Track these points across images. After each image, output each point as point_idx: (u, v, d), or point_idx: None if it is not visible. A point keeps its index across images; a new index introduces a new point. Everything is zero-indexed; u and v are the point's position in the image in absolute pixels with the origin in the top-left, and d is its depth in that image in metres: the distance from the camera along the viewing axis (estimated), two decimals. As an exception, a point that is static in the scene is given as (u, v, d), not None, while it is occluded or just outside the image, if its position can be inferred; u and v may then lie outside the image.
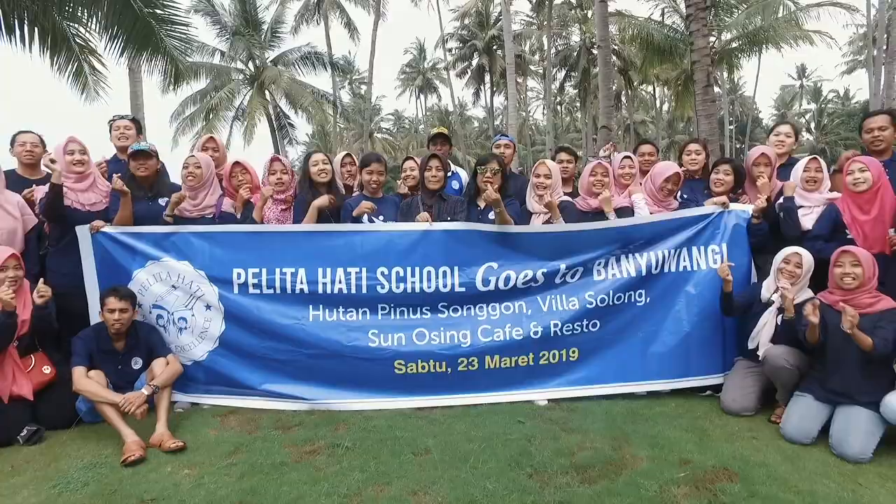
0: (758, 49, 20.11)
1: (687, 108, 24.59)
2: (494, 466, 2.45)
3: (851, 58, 48.99)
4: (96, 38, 9.90)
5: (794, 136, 3.65)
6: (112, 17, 8.60)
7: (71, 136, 3.22)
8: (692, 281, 3.29)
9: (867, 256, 2.65)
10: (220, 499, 2.21)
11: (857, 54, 46.42)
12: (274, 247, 3.17)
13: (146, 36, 8.94)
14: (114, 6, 8.30)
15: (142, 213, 3.20)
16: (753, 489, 2.24)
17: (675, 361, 3.26)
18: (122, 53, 9.67)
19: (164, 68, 10.40)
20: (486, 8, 35.64)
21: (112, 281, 3.06)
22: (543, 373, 3.24)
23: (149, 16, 8.65)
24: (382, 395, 3.14)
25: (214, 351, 3.16)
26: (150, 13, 8.68)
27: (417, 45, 51.80)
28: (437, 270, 3.19)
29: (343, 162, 3.65)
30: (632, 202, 3.35)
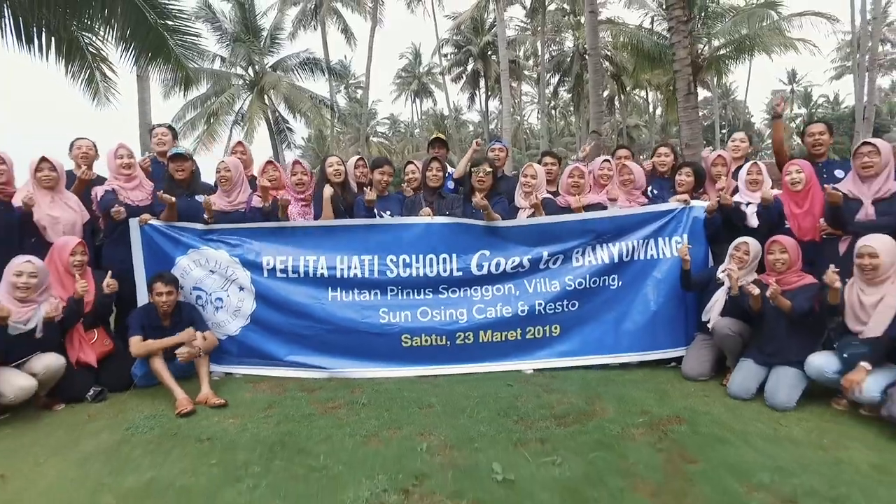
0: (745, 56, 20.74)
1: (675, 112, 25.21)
2: (487, 416, 2.96)
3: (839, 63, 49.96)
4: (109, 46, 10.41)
5: (747, 141, 4.20)
6: (128, 29, 9.07)
7: (121, 142, 3.73)
8: (658, 267, 3.82)
9: (792, 244, 3.20)
10: (264, 438, 2.72)
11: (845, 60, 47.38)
12: (298, 239, 3.69)
13: (159, 45, 9.41)
14: (129, 18, 8.78)
15: (182, 208, 3.70)
16: (697, 429, 2.76)
17: (644, 337, 3.78)
18: (137, 62, 10.22)
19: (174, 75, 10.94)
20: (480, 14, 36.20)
21: (157, 266, 3.56)
22: (529, 346, 3.76)
23: (161, 27, 9.12)
24: (392, 365, 3.65)
25: (246, 327, 3.68)
26: (162, 24, 9.16)
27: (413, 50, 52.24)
28: (437, 257, 3.71)
29: (356, 164, 4.17)
30: (605, 200, 3.89)
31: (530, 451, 2.54)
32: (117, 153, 3.68)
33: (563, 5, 33.13)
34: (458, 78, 39.70)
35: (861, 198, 3.22)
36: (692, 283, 3.59)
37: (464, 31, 38.20)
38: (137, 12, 8.60)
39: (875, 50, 21.71)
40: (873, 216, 3.15)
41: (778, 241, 3.23)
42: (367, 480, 2.26)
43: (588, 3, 13.64)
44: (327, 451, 2.56)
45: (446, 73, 39.10)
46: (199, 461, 2.48)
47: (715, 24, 20.45)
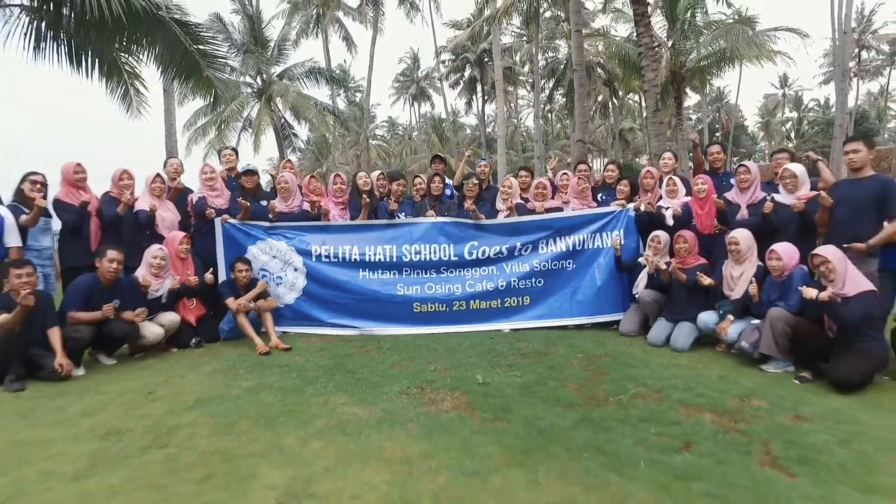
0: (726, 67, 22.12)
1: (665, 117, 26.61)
2: (474, 353, 4.28)
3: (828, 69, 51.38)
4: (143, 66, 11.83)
5: (674, 159, 5.51)
6: (166, 53, 10.43)
7: (206, 163, 5.06)
8: (602, 254, 5.15)
9: (692, 236, 4.53)
10: (323, 366, 4.03)
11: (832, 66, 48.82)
12: (337, 233, 5.03)
13: (193, 67, 10.76)
14: (168, 44, 10.14)
15: (252, 210, 5.02)
16: (616, 360, 4.08)
17: (592, 305, 5.11)
18: (173, 81, 11.65)
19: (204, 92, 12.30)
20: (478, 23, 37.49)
21: (234, 253, 4.88)
22: (507, 312, 5.10)
23: (196, 52, 10.47)
24: (406, 326, 4.98)
25: (299, 298, 5.01)
26: (196, 50, 10.51)
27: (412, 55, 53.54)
28: (439, 247, 5.05)
29: (378, 178, 5.51)
30: (562, 204, 5.24)
31: (501, 370, 3.86)
32: (204, 170, 5.01)
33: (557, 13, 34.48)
34: (456, 84, 41.04)
35: (739, 203, 4.55)
36: (624, 266, 4.93)
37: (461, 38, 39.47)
38: (175, 38, 9.94)
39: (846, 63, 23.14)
40: (747, 216, 4.48)
41: (681, 235, 4.56)
42: (396, 384, 3.58)
43: (574, 22, 14.99)
44: (367, 371, 3.89)
45: (444, 80, 40.46)
46: (284, 376, 3.80)
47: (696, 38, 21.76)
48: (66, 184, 4.55)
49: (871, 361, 3.39)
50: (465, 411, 3.11)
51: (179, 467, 2.47)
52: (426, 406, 3.19)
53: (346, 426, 2.90)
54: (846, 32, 21.84)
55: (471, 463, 2.47)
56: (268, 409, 3.16)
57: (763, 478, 2.34)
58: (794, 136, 66.64)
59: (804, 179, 4.19)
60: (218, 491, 2.26)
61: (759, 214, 4.35)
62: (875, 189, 3.69)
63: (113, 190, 4.66)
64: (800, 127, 66.63)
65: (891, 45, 51.74)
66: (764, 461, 2.49)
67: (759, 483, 2.29)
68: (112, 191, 4.66)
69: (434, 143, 51.35)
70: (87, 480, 2.36)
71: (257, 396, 3.38)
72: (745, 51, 20.52)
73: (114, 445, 2.71)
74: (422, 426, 2.89)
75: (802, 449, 2.58)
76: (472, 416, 3.03)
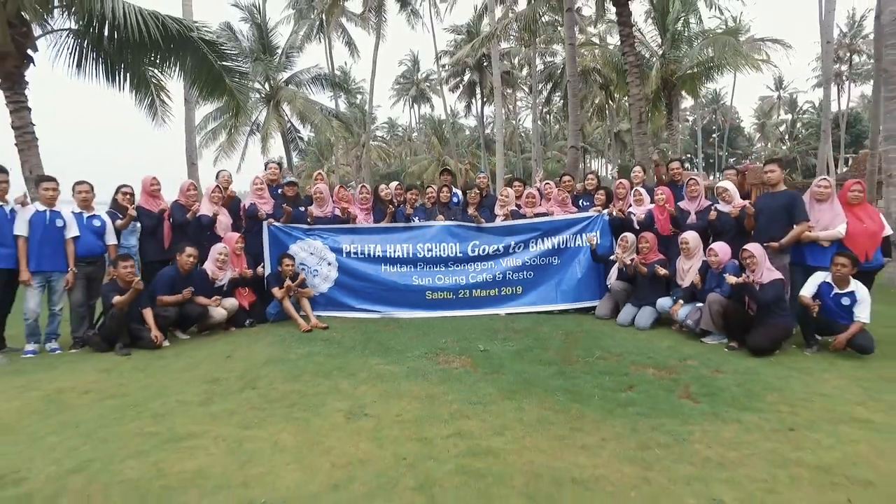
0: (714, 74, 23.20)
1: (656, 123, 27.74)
2: (477, 330, 5.34)
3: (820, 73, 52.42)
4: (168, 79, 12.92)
5: (643, 171, 6.58)
6: (195, 69, 11.48)
7: (256, 175, 6.11)
8: (582, 252, 6.20)
9: (652, 237, 5.59)
10: (357, 338, 5.08)
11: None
12: (364, 234, 6.09)
13: (218, 81, 11.82)
14: (197, 61, 11.20)
15: (293, 215, 6.07)
16: (589, 334, 5.14)
17: (573, 293, 6.17)
18: (200, 94, 12.76)
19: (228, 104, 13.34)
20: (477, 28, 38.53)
21: (278, 251, 5.93)
22: (503, 299, 6.16)
23: (221, 68, 11.53)
24: (420, 310, 6.03)
25: (332, 287, 6.06)
26: (221, 66, 11.58)
27: (412, 58, 54.58)
28: (447, 245, 6.11)
29: (396, 188, 6.56)
30: (549, 210, 6.30)
31: (497, 341, 4.93)
32: (254, 181, 6.07)
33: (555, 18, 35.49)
34: (456, 88, 42.04)
35: (689, 210, 5.62)
36: (598, 257, 5.99)
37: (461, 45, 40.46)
38: (202, 56, 11.01)
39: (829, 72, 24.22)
40: (695, 221, 5.55)
41: (643, 236, 5.62)
42: (417, 350, 4.64)
43: (568, 36, 16.03)
44: (393, 342, 4.95)
45: (444, 84, 41.47)
46: (328, 345, 4.86)
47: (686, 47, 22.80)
48: (145, 193, 5.60)
49: (779, 332, 4.46)
50: (470, 368, 4.17)
51: (270, 399, 3.53)
52: (440, 365, 4.26)
53: (383, 377, 3.96)
54: (829, 42, 22.86)
55: (475, 398, 3.53)
56: (322, 367, 4.22)
57: (678, 403, 3.40)
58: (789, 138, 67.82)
59: (735, 193, 5.26)
60: (303, 412, 3.31)
61: (706, 219, 5.42)
62: (786, 201, 4.77)
63: (181, 199, 5.71)
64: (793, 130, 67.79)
65: (882, 49, 52.84)
66: (682, 395, 3.55)
67: (674, 406, 3.35)
68: (180, 199, 5.71)
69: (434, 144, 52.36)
70: (209, 406, 3.42)
71: (311, 359, 4.44)
72: (731, 60, 21.63)
73: (217, 387, 3.77)
74: (438, 377, 3.95)
75: (710, 389, 3.65)
76: (475, 371, 4.10)
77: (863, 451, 2.72)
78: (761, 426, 3.03)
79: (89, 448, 2.82)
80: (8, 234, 4.46)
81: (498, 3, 30.66)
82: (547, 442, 2.85)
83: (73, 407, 3.45)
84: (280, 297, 5.56)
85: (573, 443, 2.84)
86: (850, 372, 4.01)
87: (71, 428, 3.09)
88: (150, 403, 3.46)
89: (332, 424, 3.11)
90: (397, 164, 60.92)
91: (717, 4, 22.50)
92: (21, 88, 9.76)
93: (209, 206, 5.71)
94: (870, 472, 2.49)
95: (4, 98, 9.78)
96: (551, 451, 2.74)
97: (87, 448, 2.82)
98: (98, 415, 3.29)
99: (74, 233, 4.80)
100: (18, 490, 2.40)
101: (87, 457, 2.71)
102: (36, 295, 4.60)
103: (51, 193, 4.73)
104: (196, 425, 3.10)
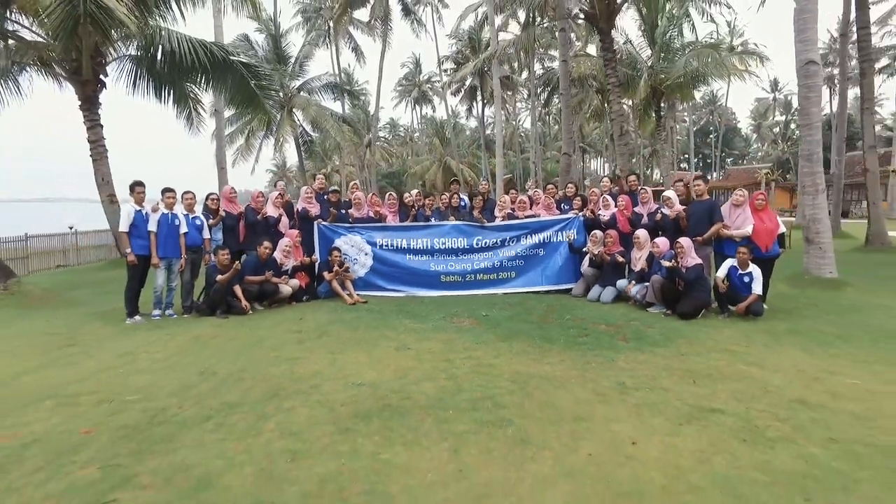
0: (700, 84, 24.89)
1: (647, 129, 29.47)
2: (480, 303, 7.05)
3: (814, 73, 53.77)
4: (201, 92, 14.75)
5: (610, 182, 8.30)
6: (233, 87, 13.22)
7: (305, 186, 7.82)
8: (562, 245, 7.91)
9: (615, 234, 7.30)
10: (391, 308, 6.80)
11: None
12: (393, 231, 7.82)
13: (252, 97, 13.58)
14: (235, 81, 12.93)
15: (337, 216, 7.80)
16: (563, 306, 6.85)
17: (555, 277, 7.88)
18: (237, 109, 14.58)
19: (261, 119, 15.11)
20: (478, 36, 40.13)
21: (326, 244, 7.65)
22: (500, 282, 7.88)
23: (255, 86, 13.28)
24: (436, 290, 7.75)
25: (368, 273, 7.79)
26: (255, 84, 13.32)
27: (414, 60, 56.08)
28: (457, 239, 7.83)
29: (417, 195, 8.28)
30: (537, 213, 8.03)
31: (496, 310, 6.64)
32: (304, 190, 7.79)
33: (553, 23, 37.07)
34: (458, 91, 43.64)
35: (642, 213, 7.34)
36: (575, 249, 7.72)
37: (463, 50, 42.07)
38: (241, 76, 12.75)
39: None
40: (646, 221, 7.26)
41: (609, 233, 7.34)
42: (436, 315, 6.35)
43: (561, 53, 17.67)
44: (419, 310, 6.66)
45: (446, 88, 43.08)
46: (369, 313, 6.56)
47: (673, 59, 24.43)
48: (225, 199, 7.33)
49: (699, 302, 6.18)
50: (476, 325, 5.90)
51: (342, 340, 5.24)
52: (455, 324, 5.98)
53: (415, 330, 5.68)
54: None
55: (480, 341, 5.24)
56: (371, 324, 5.94)
57: (615, 343, 5.13)
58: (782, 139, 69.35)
59: (675, 200, 6.97)
60: (366, 346, 5.03)
61: (653, 220, 7.14)
62: (708, 206, 6.51)
63: (252, 203, 7.43)
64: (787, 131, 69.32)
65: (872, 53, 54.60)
66: (619, 339, 5.28)
67: (612, 345, 5.08)
68: (251, 204, 7.43)
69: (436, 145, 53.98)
70: (303, 344, 5.13)
71: (361, 320, 6.16)
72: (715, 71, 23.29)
73: (303, 335, 5.48)
74: (454, 330, 5.67)
75: (640, 336, 5.38)
76: (479, 327, 5.82)
77: (720, 365, 4.44)
78: (664, 354, 4.77)
79: (241, 362, 4.55)
80: (145, 230, 6.19)
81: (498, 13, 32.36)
82: (526, 361, 4.58)
83: (212, 345, 5.18)
84: (330, 279, 7.28)
85: (542, 362, 4.57)
86: (743, 327, 5.74)
87: (221, 353, 4.83)
88: (263, 343, 5.20)
89: (387, 353, 4.83)
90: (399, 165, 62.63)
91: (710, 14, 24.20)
92: (96, 108, 11.55)
93: (274, 209, 7.43)
94: (716, 374, 4.21)
95: (83, 117, 11.55)
96: (528, 364, 4.47)
97: (240, 362, 4.55)
98: (232, 348, 5.03)
99: (185, 229, 6.52)
100: (217, 377, 4.13)
101: (242, 366, 4.44)
102: (162, 274, 6.34)
103: (165, 197, 6.48)
104: (300, 353, 4.83)
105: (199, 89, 14.94)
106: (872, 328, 5.63)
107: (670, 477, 2.62)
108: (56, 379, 4.24)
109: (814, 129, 8.06)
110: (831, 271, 7.99)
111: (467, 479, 2.62)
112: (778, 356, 4.69)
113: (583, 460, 2.80)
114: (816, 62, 7.97)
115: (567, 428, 3.19)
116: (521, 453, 2.88)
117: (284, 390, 3.84)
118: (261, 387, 3.93)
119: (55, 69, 11.73)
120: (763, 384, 3.94)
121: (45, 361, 4.78)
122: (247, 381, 4.05)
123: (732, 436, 3.06)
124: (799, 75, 8.16)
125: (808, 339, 5.26)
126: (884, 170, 36.40)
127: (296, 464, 2.76)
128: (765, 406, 3.50)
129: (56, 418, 3.40)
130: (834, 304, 6.84)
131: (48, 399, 3.73)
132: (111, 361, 4.68)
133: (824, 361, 4.52)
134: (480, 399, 3.65)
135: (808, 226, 8.12)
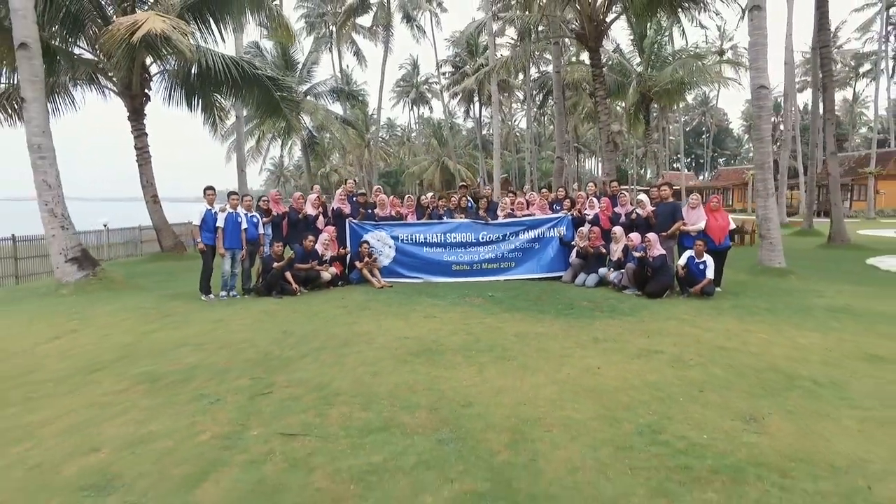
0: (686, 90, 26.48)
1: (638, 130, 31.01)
2: (486, 287, 8.53)
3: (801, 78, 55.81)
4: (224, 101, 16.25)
5: (595, 187, 9.80)
6: (259, 99, 14.69)
7: (339, 191, 9.28)
8: (554, 239, 9.40)
9: (597, 230, 8.81)
10: (410, 291, 8.27)
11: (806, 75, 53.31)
12: (412, 228, 9.29)
13: (275, 107, 15.03)
14: (261, 93, 14.39)
15: (366, 215, 9.26)
16: (556, 291, 8.35)
17: (548, 266, 9.37)
18: (261, 117, 16.10)
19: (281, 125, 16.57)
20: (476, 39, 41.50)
21: (356, 239, 9.11)
22: (502, 271, 9.37)
23: (279, 98, 14.74)
24: (449, 277, 9.22)
25: (391, 263, 9.25)
26: (279, 95, 14.79)
27: (412, 62, 57.41)
28: (466, 234, 9.31)
29: (431, 197, 9.75)
30: (533, 212, 9.52)
31: (499, 292, 8.13)
32: (338, 192, 9.25)
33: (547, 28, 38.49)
34: (455, 95, 45.04)
35: (620, 213, 8.84)
36: (565, 244, 9.22)
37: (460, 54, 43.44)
38: (266, 88, 14.20)
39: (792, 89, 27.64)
40: (624, 220, 8.76)
41: (593, 230, 8.84)
42: (451, 295, 7.83)
43: (554, 65, 19.16)
44: (437, 292, 8.14)
45: (445, 90, 44.47)
46: (396, 295, 8.03)
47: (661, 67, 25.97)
48: (272, 201, 8.78)
49: (663, 285, 7.69)
50: (485, 303, 7.38)
51: (380, 313, 6.71)
52: (468, 301, 7.46)
53: (437, 305, 7.16)
54: (787, 63, 26.14)
55: (488, 313, 6.72)
56: (400, 301, 7.40)
57: (593, 314, 6.63)
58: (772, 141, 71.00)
59: (647, 203, 8.47)
60: (402, 316, 6.49)
61: (629, 219, 8.64)
62: (672, 208, 8.03)
63: (294, 204, 8.87)
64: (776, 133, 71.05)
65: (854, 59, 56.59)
66: (597, 311, 6.78)
67: (591, 315, 6.58)
68: (293, 204, 8.88)
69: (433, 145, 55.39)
70: (350, 316, 6.60)
71: (392, 299, 7.63)
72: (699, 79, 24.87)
73: (348, 310, 6.94)
74: (468, 306, 7.15)
75: (613, 308, 6.88)
76: (488, 304, 7.30)
77: (669, 327, 5.94)
78: (630, 321, 6.27)
79: (311, 325, 6.01)
80: (212, 225, 7.64)
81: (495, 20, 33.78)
82: (525, 325, 6.07)
83: (280, 316, 6.64)
84: (360, 268, 8.75)
85: (537, 325, 6.06)
86: (696, 304, 7.24)
87: (291, 321, 6.28)
88: (320, 315, 6.66)
89: (418, 320, 6.32)
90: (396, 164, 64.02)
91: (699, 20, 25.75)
92: (141, 118, 12.98)
93: (312, 209, 8.88)
94: (665, 332, 5.72)
95: (130, 126, 12.97)
96: (527, 326, 5.97)
97: (310, 325, 6.01)
98: (298, 318, 6.49)
99: (245, 225, 7.97)
100: (297, 335, 5.59)
101: (312, 328, 5.90)
102: (227, 262, 7.79)
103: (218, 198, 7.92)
104: (352, 319, 6.31)
105: (225, 100, 16.42)
106: (796, 305, 7.15)
107: (619, 383, 4.11)
108: (174, 336, 5.69)
109: (765, 143, 9.59)
110: (780, 262, 9.52)
111: (489, 384, 4.10)
112: (715, 322, 6.19)
113: (564, 376, 4.28)
114: (766, 87, 9.47)
115: (554, 361, 4.68)
116: (523, 373, 4.36)
117: (351, 341, 5.32)
118: (333, 340, 5.40)
119: (101, 83, 13.16)
120: (697, 338, 5.44)
121: (155, 327, 6.21)
122: (321, 337, 5.52)
123: (665, 364, 4.56)
124: (752, 97, 9.68)
125: (743, 311, 6.77)
126: (863, 172, 38.19)
127: (376, 378, 4.24)
128: (693, 350, 5.01)
129: (196, 357, 4.86)
130: (776, 289, 8.37)
131: (182, 347, 5.19)
132: (208, 326, 6.13)
133: (749, 325, 6.03)
134: (494, 346, 5.14)
135: (761, 223, 9.65)
